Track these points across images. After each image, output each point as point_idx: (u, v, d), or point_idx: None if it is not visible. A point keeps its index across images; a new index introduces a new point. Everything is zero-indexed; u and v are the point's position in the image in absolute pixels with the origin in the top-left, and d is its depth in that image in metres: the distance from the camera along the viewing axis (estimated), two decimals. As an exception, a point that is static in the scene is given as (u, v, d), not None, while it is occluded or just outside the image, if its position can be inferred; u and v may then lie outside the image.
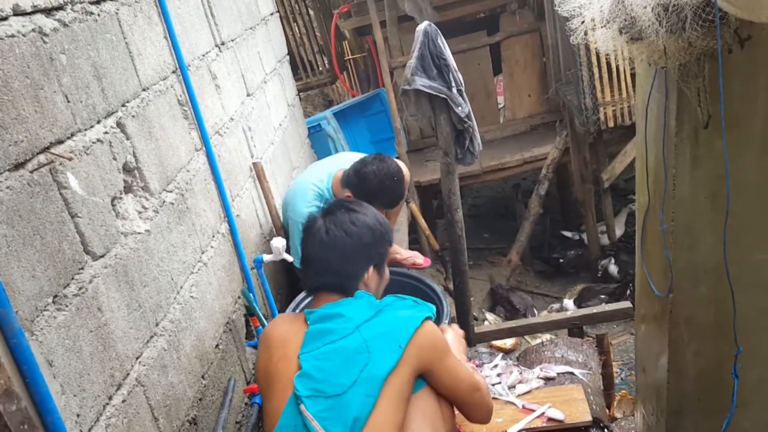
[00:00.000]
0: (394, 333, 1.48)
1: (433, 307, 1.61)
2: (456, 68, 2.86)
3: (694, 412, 2.02)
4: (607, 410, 2.80)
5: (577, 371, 2.46)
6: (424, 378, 1.53)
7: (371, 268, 1.63)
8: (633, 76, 4.15)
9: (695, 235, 1.81)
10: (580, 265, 4.82)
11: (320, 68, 5.72)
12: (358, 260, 1.60)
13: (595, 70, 4.01)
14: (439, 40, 2.83)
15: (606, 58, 3.87)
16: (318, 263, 1.61)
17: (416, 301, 1.60)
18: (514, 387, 2.33)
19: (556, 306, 4.29)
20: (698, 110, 1.62)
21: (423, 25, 2.85)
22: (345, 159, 2.97)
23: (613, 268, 4.59)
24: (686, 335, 1.95)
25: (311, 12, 5.86)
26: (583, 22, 1.64)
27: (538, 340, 3.59)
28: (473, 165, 3.28)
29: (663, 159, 1.81)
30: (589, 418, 2.17)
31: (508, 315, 4.25)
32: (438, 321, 1.97)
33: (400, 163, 2.88)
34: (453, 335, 1.84)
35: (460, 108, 2.82)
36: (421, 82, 2.77)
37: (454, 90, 2.83)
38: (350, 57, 6.20)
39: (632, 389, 3.36)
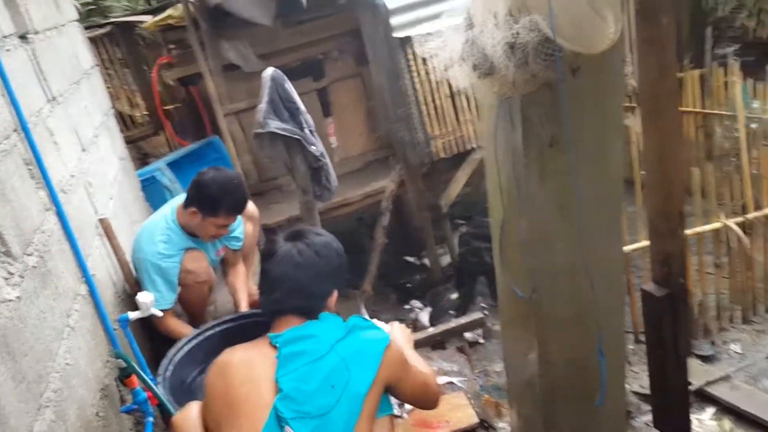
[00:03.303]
0: (368, 351, 1.53)
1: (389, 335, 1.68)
2: (305, 110, 2.97)
3: (567, 399, 2.26)
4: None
5: (455, 380, 2.63)
6: (387, 390, 1.59)
7: (335, 292, 1.65)
8: (456, 112, 4.62)
9: (549, 242, 2.07)
10: (427, 287, 5.11)
11: (138, 121, 5.53)
12: (326, 282, 1.63)
13: (423, 107, 4.36)
14: (286, 85, 2.92)
15: (432, 97, 4.24)
16: (287, 284, 1.59)
17: (373, 324, 1.66)
18: (402, 405, 2.44)
19: (411, 316, 4.54)
20: (542, 132, 1.88)
21: (269, 71, 2.93)
22: (184, 195, 2.94)
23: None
24: (551, 330, 2.19)
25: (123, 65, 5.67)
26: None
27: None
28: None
29: (514, 178, 2.06)
30: (476, 420, 2.34)
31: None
32: None
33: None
34: (399, 330, 1.92)
35: (314, 147, 2.93)
36: (275, 125, 2.84)
37: (307, 130, 2.93)
38: (167, 107, 6.06)
39: (492, 393, 3.62)
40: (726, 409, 3.39)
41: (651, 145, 1.99)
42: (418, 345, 3.51)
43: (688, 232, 3.68)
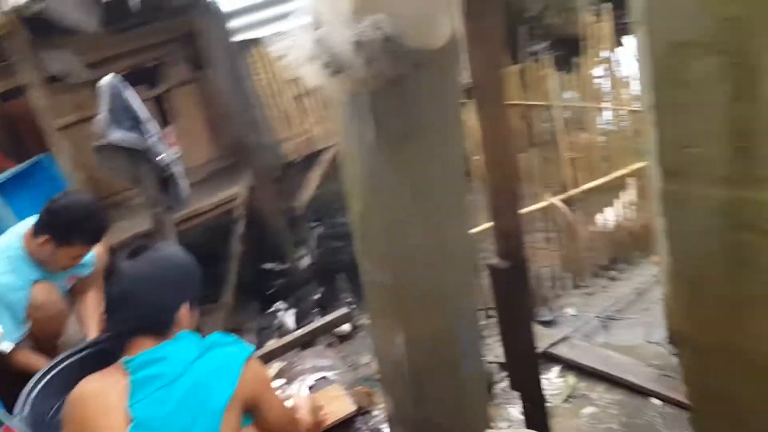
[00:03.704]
0: (226, 367, 1.50)
1: (254, 347, 1.66)
2: (149, 117, 2.88)
3: (433, 374, 2.41)
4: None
5: (328, 374, 2.70)
6: (249, 412, 1.58)
7: (185, 305, 1.60)
8: (304, 113, 4.68)
9: (406, 228, 2.21)
10: (290, 291, 5.13)
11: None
12: (171, 296, 1.56)
13: (269, 110, 4.38)
14: (126, 93, 2.82)
15: (277, 100, 4.27)
16: (129, 302, 1.53)
17: (235, 339, 1.64)
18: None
19: (275, 323, 4.54)
20: (392, 126, 2.01)
21: (107, 80, 2.81)
22: (29, 221, 2.72)
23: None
24: (414, 311, 2.34)
25: None
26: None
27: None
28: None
29: (370, 170, 2.17)
30: (353, 408, 2.44)
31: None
32: None
33: None
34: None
35: (160, 156, 2.85)
36: (116, 136, 2.72)
37: (152, 139, 2.84)
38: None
39: (364, 384, 3.74)
40: (568, 366, 3.80)
41: (485, 131, 2.20)
42: (288, 348, 3.53)
43: (521, 211, 4.07)
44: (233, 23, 4.26)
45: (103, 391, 1.46)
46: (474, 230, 3.97)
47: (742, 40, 0.91)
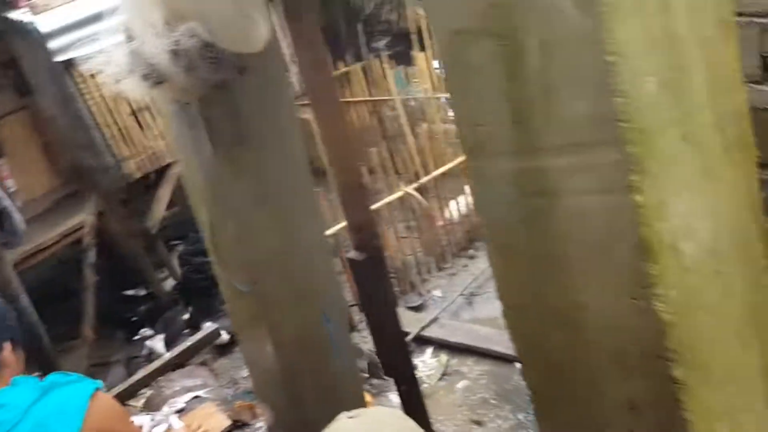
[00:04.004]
0: (68, 408, 1.42)
1: (101, 382, 1.58)
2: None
3: (304, 373, 2.44)
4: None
5: (200, 393, 2.64)
6: None
7: (6, 348, 1.49)
8: (143, 129, 4.48)
9: (257, 234, 2.19)
10: (156, 316, 4.92)
11: None
12: None
13: (106, 130, 4.16)
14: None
15: (113, 118, 4.06)
16: None
17: (80, 377, 1.55)
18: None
19: (144, 350, 4.35)
20: (225, 132, 2.00)
21: None
22: None
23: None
24: (278, 314, 2.34)
25: None
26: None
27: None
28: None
29: (210, 179, 2.14)
30: (228, 422, 2.40)
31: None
32: None
33: None
34: None
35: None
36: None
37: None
38: None
39: (245, 398, 3.69)
40: (440, 345, 3.98)
41: (324, 130, 2.25)
42: (158, 374, 3.40)
43: (378, 204, 4.19)
44: (54, 44, 3.99)
45: None
46: (337, 227, 4.04)
47: (507, 23, 1.01)
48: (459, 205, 4.60)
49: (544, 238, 1.12)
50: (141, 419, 2.45)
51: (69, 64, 4.08)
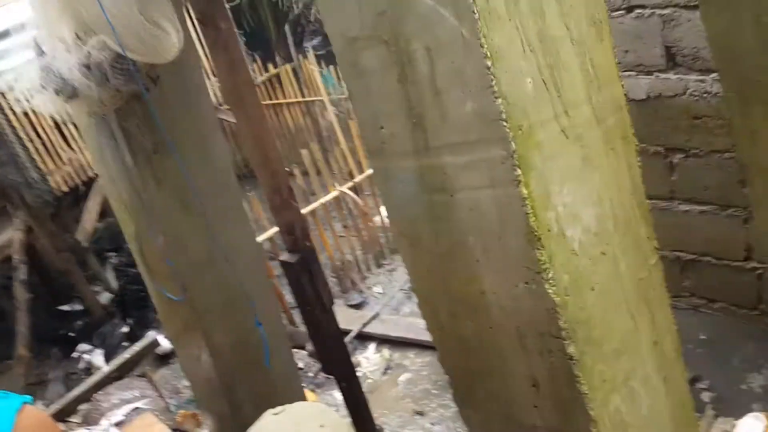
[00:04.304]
0: None
1: (30, 397, 1.54)
2: None
3: (242, 376, 2.45)
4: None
5: (139, 404, 2.62)
6: None
7: None
8: (67, 142, 4.37)
9: (184, 240, 2.20)
10: (93, 330, 4.81)
11: None
12: None
13: (29, 144, 4.04)
14: None
15: (35, 132, 3.96)
16: None
17: (6, 393, 1.51)
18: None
19: (82, 366, 4.26)
20: (143, 141, 1.99)
21: None
22: None
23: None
24: (210, 320, 2.34)
25: None
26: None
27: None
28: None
29: (132, 189, 2.13)
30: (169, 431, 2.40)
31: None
32: None
33: None
34: None
35: None
36: None
37: None
38: None
39: (188, 407, 3.66)
40: (382, 340, 4.05)
41: (246, 134, 2.26)
42: (97, 388, 3.33)
43: (313, 205, 4.22)
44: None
45: None
46: (271, 231, 4.05)
47: (394, 30, 1.07)
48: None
49: (446, 231, 1.19)
50: (79, 435, 2.42)
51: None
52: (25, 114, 4.02)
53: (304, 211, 3.34)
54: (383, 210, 4.69)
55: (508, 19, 1.01)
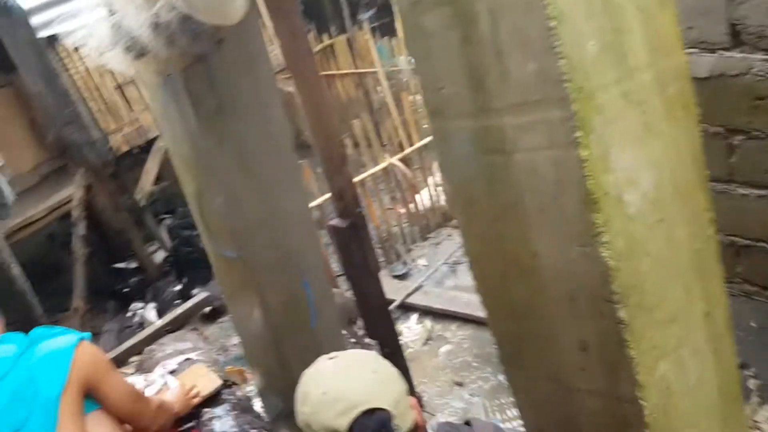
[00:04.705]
0: (55, 356, 1.50)
1: (89, 334, 1.65)
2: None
3: (290, 334, 2.54)
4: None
5: (191, 355, 2.74)
6: (92, 396, 1.59)
7: None
8: (128, 102, 4.52)
9: (241, 200, 2.27)
10: (146, 287, 5.01)
11: None
12: None
13: (92, 104, 4.19)
14: None
15: (98, 92, 4.10)
16: None
17: (66, 330, 1.62)
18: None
19: (135, 320, 4.44)
20: (207, 102, 2.06)
21: None
22: None
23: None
24: (263, 278, 2.42)
25: None
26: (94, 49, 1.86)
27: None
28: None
29: (194, 148, 2.21)
30: (219, 382, 2.51)
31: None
32: None
33: None
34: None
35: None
36: None
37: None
38: None
39: (235, 363, 3.79)
40: (424, 312, 4.09)
41: (304, 101, 2.31)
42: (150, 341, 3.48)
43: (363, 175, 4.27)
44: (35, 20, 4.00)
45: None
46: (323, 198, 4.12)
47: (459, -9, 1.09)
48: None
49: (501, 192, 1.21)
50: (134, 378, 2.55)
51: (52, 39, 4.10)
52: (89, 74, 4.17)
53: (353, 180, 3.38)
54: (431, 182, 4.71)
55: (573, -19, 1.01)
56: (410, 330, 4.05)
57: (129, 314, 4.84)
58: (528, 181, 1.17)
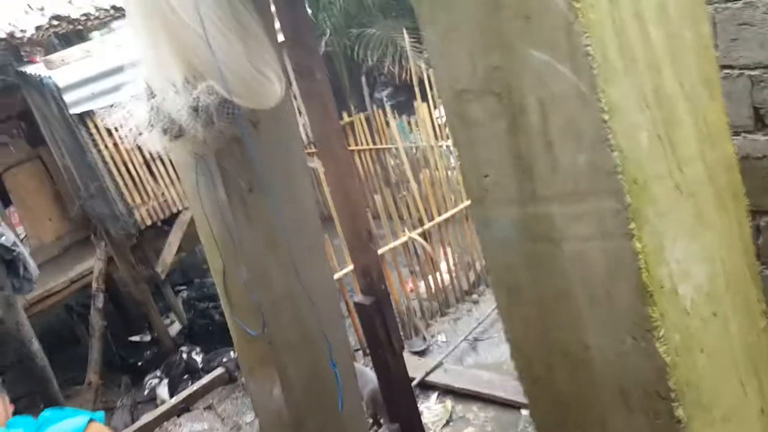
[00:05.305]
0: None
1: (101, 413, 1.60)
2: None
3: (312, 414, 2.46)
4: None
5: (209, 438, 2.66)
6: None
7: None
8: (154, 177, 4.60)
9: (267, 277, 2.26)
10: (159, 360, 4.93)
11: None
12: None
13: (119, 179, 4.27)
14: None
15: (126, 167, 4.19)
16: None
17: (76, 411, 1.58)
18: None
19: (147, 394, 4.35)
20: (239, 181, 2.08)
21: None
22: None
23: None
24: (286, 356, 2.38)
25: None
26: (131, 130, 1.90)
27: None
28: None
29: (224, 226, 2.21)
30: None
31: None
32: None
33: None
34: None
35: (3, 238, 2.72)
36: (-52, 223, 2.56)
37: (-10, 222, 2.70)
38: None
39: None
40: (445, 390, 3.98)
41: (331, 178, 2.33)
42: (164, 418, 3.41)
43: (382, 249, 4.25)
44: (69, 97, 4.14)
45: None
46: (342, 272, 4.09)
47: (506, 83, 1.10)
48: (461, 251, 4.66)
49: (549, 281, 1.18)
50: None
51: (84, 115, 4.21)
52: (117, 150, 4.27)
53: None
54: (450, 257, 4.68)
55: (624, 75, 1.02)
56: (430, 410, 3.93)
57: (142, 386, 4.75)
58: (578, 271, 1.14)
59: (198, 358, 4.77)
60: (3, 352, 3.95)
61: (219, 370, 3.59)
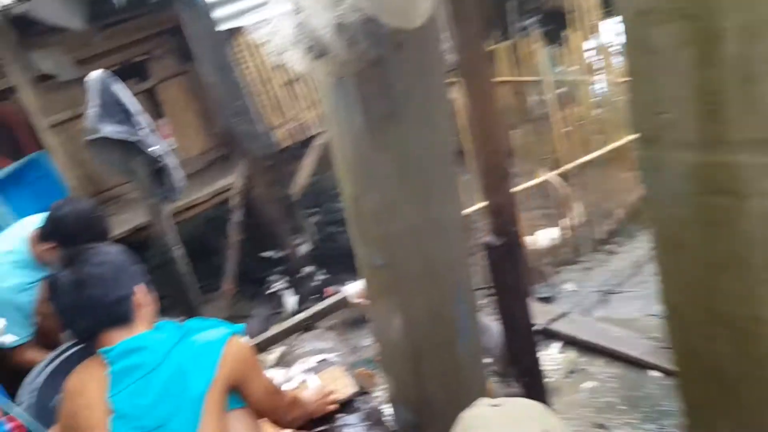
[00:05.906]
0: (206, 351, 1.52)
1: (242, 326, 1.67)
2: (140, 110, 2.89)
3: (431, 350, 2.45)
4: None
5: (329, 356, 2.74)
6: (236, 391, 1.60)
7: (138, 290, 1.60)
8: (294, 99, 4.69)
9: (396, 208, 2.22)
10: (288, 277, 5.17)
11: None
12: (116, 286, 1.55)
13: (259, 98, 4.38)
14: (115, 87, 2.82)
15: (267, 87, 4.28)
16: (79, 309, 1.53)
17: (220, 321, 1.65)
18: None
19: (275, 304, 4.58)
20: (377, 107, 2.02)
21: (95, 74, 2.82)
22: (29, 222, 2.78)
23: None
24: (409, 288, 2.36)
25: None
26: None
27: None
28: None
29: (359, 152, 2.18)
30: (355, 388, 2.48)
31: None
32: None
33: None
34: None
35: (152, 148, 2.86)
36: (108, 129, 2.73)
37: (143, 131, 2.85)
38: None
39: (365, 366, 3.78)
40: (569, 341, 3.83)
41: (472, 108, 2.20)
42: (289, 332, 3.57)
43: (516, 188, 4.08)
44: (217, 13, 4.26)
45: (85, 384, 1.48)
46: (470, 209, 4.00)
47: (703, 3, 0.92)
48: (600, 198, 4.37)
49: (724, 241, 1.02)
50: (275, 372, 2.60)
51: (230, 32, 4.33)
52: (259, 69, 4.36)
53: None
54: (587, 202, 4.42)
55: None
56: (551, 358, 3.81)
57: (271, 297, 5.02)
58: (762, 232, 0.97)
59: (324, 280, 4.95)
60: (149, 256, 4.32)
61: (340, 296, 3.68)
